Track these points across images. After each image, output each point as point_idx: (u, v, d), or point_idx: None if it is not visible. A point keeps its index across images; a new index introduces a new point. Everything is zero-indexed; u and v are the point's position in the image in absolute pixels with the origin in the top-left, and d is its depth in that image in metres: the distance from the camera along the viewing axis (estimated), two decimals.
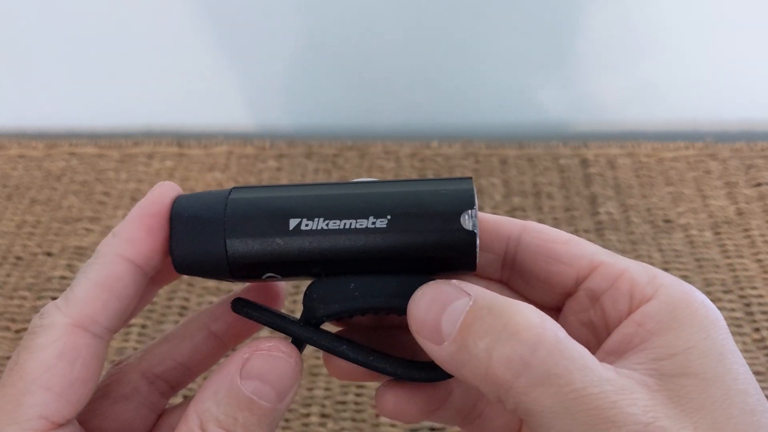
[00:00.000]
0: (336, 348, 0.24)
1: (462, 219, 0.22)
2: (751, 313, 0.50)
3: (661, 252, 0.54)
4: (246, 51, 0.66)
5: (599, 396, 0.20)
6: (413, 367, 0.24)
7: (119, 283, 0.23)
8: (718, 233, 0.56)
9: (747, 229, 0.56)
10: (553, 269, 0.25)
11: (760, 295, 0.51)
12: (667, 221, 0.57)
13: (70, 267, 0.54)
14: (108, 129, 0.69)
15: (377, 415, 0.45)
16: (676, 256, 0.54)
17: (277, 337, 0.23)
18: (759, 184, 0.60)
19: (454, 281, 0.22)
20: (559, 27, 0.64)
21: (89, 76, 0.67)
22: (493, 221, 0.26)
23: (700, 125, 0.67)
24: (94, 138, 0.67)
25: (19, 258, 0.55)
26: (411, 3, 0.63)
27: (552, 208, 0.58)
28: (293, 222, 0.23)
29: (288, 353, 0.23)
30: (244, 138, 0.66)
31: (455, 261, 0.23)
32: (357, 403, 0.46)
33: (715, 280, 0.52)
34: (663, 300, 0.22)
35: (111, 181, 0.62)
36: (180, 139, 0.66)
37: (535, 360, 0.20)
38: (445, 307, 0.21)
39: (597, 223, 0.57)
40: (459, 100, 0.68)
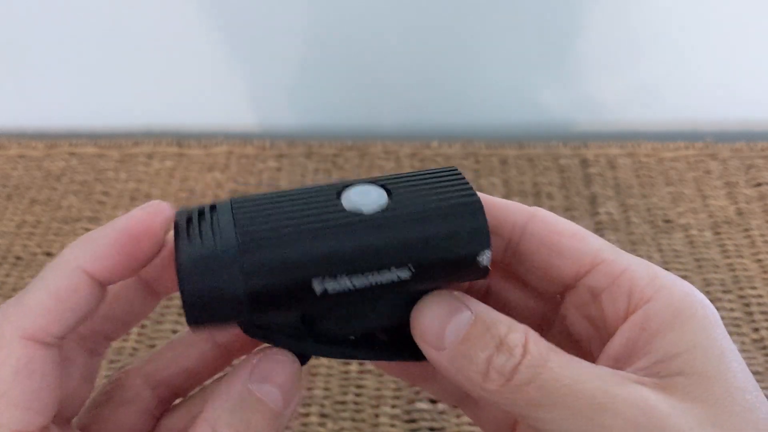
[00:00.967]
0: (345, 353, 0.25)
1: (479, 259, 0.24)
2: (750, 313, 0.50)
3: (660, 252, 0.54)
4: (246, 51, 0.66)
5: (590, 387, 0.21)
6: (396, 353, 0.25)
7: (76, 295, 0.22)
8: (718, 233, 0.56)
9: (747, 229, 0.56)
10: (554, 262, 0.24)
11: (760, 295, 0.51)
12: (667, 221, 0.57)
13: None
14: (108, 129, 0.69)
15: (377, 416, 0.45)
16: (676, 256, 0.54)
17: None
18: (759, 184, 0.60)
19: (456, 293, 0.23)
20: (559, 27, 0.64)
21: (89, 76, 0.67)
22: (502, 207, 0.25)
23: (700, 125, 0.67)
24: (94, 138, 0.67)
25: (18, 258, 0.55)
26: (411, 3, 0.63)
27: (552, 208, 0.58)
28: (318, 286, 0.23)
29: (293, 358, 0.24)
30: (244, 138, 0.66)
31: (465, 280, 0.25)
32: (356, 402, 0.46)
33: (714, 280, 0.52)
34: (664, 301, 0.23)
35: (111, 181, 0.62)
36: (180, 139, 0.66)
37: (526, 371, 0.22)
38: (450, 319, 0.23)
39: (597, 223, 0.57)
40: (459, 100, 0.68)
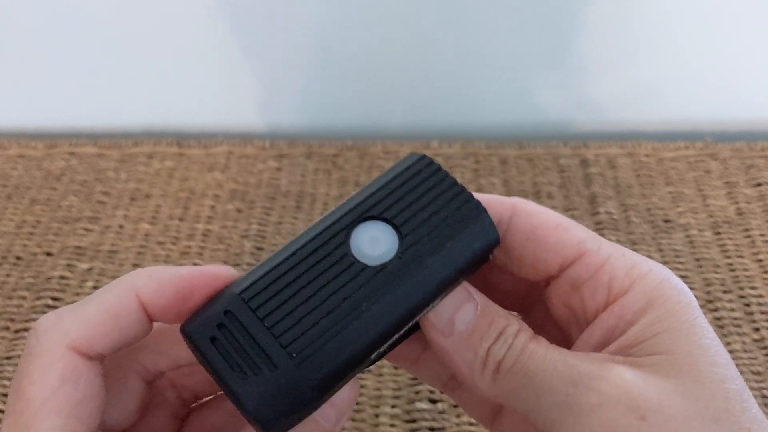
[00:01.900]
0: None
1: (492, 255, 0.25)
2: (751, 313, 0.50)
3: (660, 252, 0.54)
4: (246, 51, 0.66)
5: (567, 368, 0.22)
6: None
7: (126, 317, 0.23)
8: (718, 233, 0.56)
9: (747, 229, 0.56)
10: (539, 256, 0.25)
11: (760, 295, 0.51)
12: (667, 221, 0.57)
13: (70, 267, 0.54)
14: (108, 129, 0.69)
15: (377, 416, 0.45)
16: (676, 256, 0.54)
17: None
18: (759, 184, 0.60)
19: (465, 283, 0.24)
20: (559, 27, 0.64)
21: (89, 76, 0.67)
22: (483, 201, 0.26)
23: (700, 125, 0.67)
24: (94, 138, 0.67)
25: (18, 258, 0.55)
26: (411, 3, 0.63)
27: (552, 208, 0.58)
28: (375, 355, 0.23)
29: (354, 383, 0.24)
30: (244, 138, 0.66)
31: None
32: (356, 402, 0.46)
33: (714, 280, 0.52)
34: (639, 291, 0.23)
35: (111, 181, 0.62)
36: (180, 139, 0.66)
37: (517, 365, 0.23)
38: (460, 308, 0.24)
39: (597, 223, 0.57)
40: (459, 100, 0.68)
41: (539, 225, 0.25)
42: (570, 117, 0.68)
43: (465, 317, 0.24)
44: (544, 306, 0.26)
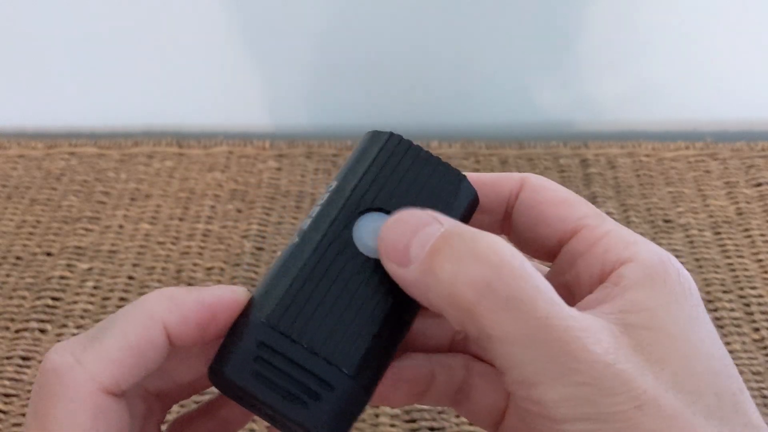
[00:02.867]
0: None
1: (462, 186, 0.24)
2: (751, 313, 0.50)
3: None
4: (246, 52, 0.66)
5: (562, 328, 0.20)
6: None
7: (153, 350, 0.22)
8: (718, 233, 0.56)
9: (747, 229, 0.56)
10: (540, 231, 0.24)
11: (760, 295, 0.51)
12: (667, 221, 0.57)
13: (70, 267, 0.54)
14: (108, 129, 0.69)
15: (377, 416, 0.45)
16: (676, 256, 0.54)
17: None
18: (759, 184, 0.60)
19: (429, 210, 0.22)
20: (559, 27, 0.64)
21: (89, 76, 0.67)
22: (491, 180, 0.25)
23: (700, 125, 0.67)
24: (94, 138, 0.67)
25: (18, 258, 0.55)
26: (411, 3, 0.63)
27: None
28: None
29: None
30: (244, 138, 0.66)
31: None
32: None
33: (714, 280, 0.52)
34: (640, 262, 0.22)
35: (111, 181, 0.62)
36: (180, 139, 0.66)
37: (498, 282, 0.20)
38: (417, 232, 0.21)
39: None
40: (459, 100, 0.68)
41: (543, 200, 0.24)
42: (570, 117, 0.68)
43: (422, 241, 0.21)
44: None
